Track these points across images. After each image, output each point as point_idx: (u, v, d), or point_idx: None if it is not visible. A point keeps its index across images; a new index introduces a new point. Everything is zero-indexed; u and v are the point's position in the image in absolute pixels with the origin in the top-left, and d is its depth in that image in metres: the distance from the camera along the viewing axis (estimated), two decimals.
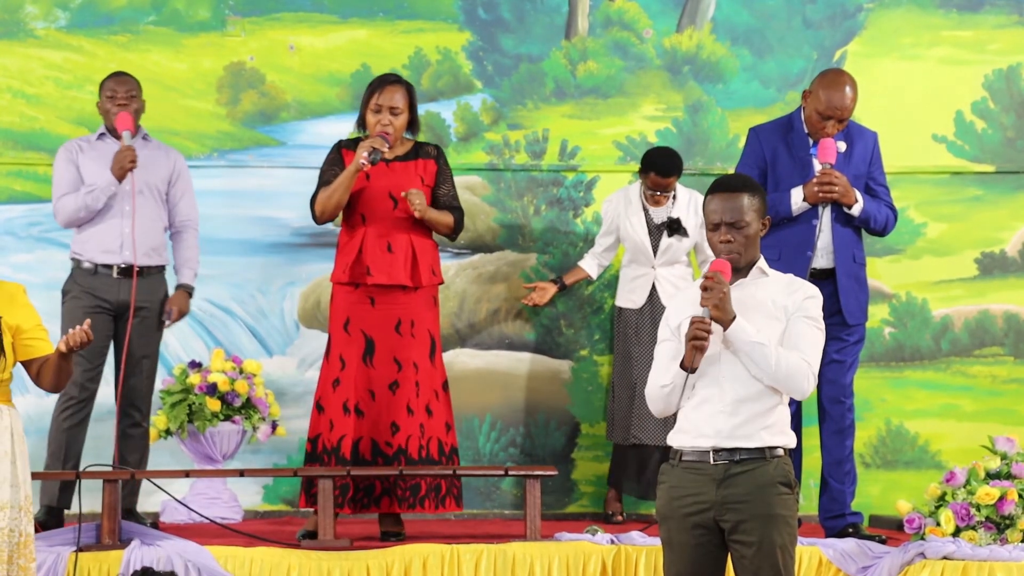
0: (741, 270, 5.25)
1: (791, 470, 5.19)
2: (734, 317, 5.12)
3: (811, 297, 5.24)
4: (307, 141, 8.23)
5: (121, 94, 7.46)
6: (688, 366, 5.09)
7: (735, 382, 5.15)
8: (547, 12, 8.50)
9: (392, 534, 7.08)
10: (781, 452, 5.19)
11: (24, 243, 7.94)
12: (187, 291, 7.59)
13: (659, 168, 7.80)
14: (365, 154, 6.92)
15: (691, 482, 5.18)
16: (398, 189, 7.03)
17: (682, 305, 5.32)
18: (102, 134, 7.56)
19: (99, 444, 7.52)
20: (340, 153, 7.10)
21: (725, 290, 5.09)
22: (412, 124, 7.15)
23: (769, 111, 7.65)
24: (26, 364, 5.76)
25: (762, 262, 5.28)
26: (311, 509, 7.03)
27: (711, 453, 5.16)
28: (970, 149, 8.53)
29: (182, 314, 7.55)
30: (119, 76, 7.56)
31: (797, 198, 6.97)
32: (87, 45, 8.26)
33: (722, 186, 5.27)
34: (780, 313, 5.20)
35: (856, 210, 7.06)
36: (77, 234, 7.50)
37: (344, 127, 7.34)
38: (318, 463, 7.07)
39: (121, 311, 7.36)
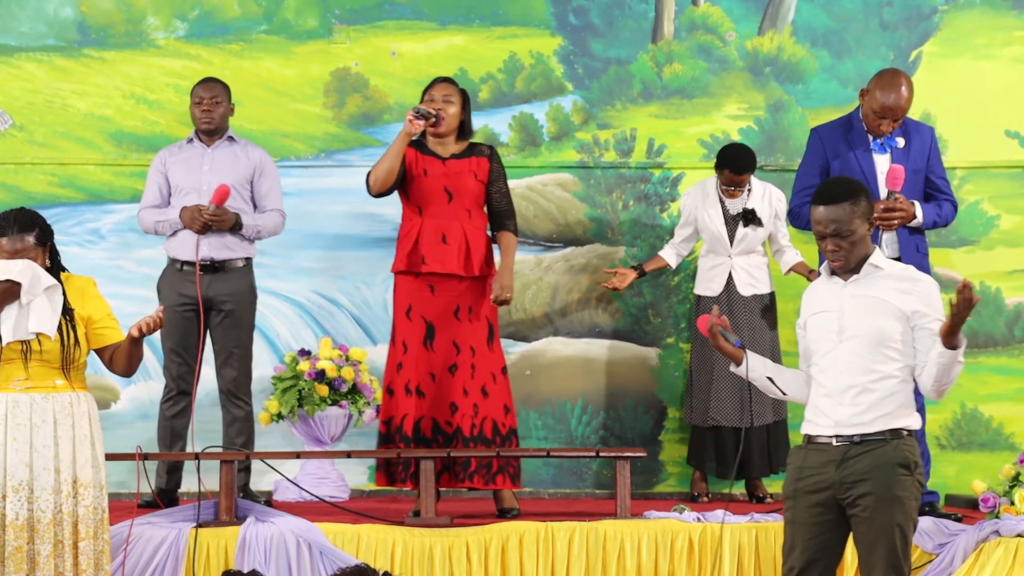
0: (854, 268, 5.30)
1: (912, 452, 5.21)
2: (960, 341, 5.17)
3: (927, 296, 5.25)
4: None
5: (206, 100, 7.52)
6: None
7: (852, 373, 5.23)
8: (634, 17, 8.58)
9: (506, 510, 7.15)
10: (904, 433, 5.21)
11: (147, 239, 7.94)
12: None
13: (733, 165, 7.85)
14: (411, 114, 6.98)
15: (814, 461, 5.26)
16: (453, 184, 7.13)
17: (808, 302, 5.39)
18: (191, 139, 7.61)
19: (206, 427, 7.67)
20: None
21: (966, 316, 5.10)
22: (464, 126, 7.20)
23: (847, 110, 7.62)
24: (99, 352, 5.87)
25: (876, 255, 5.30)
26: (389, 488, 7.22)
27: (833, 439, 5.24)
28: None
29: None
30: (206, 82, 7.59)
31: None
32: (204, 54, 8.51)
33: (823, 197, 5.28)
34: (897, 314, 5.22)
35: (916, 223, 7.12)
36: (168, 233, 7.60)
37: None
38: (391, 444, 7.13)
39: (205, 306, 7.41)
